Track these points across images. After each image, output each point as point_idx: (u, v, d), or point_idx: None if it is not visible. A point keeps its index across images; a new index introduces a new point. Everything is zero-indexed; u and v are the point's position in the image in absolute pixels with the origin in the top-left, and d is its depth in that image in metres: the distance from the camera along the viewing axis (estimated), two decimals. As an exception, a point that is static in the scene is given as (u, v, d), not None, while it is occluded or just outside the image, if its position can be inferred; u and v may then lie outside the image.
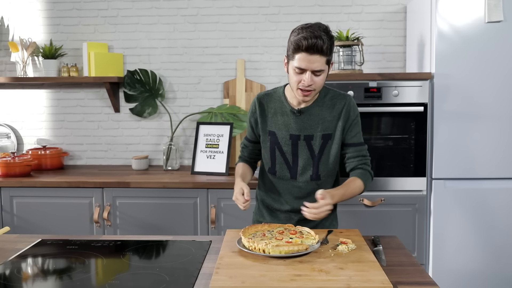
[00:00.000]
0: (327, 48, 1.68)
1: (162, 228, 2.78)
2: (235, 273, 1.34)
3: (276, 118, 1.88)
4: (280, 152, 1.88)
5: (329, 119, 1.85)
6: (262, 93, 1.96)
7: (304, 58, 1.67)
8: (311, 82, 1.71)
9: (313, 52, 1.66)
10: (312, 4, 3.22)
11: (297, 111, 1.84)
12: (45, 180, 2.82)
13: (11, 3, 3.34)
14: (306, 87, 1.72)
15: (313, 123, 1.84)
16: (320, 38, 1.66)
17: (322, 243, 1.60)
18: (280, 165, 1.90)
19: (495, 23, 2.60)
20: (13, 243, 1.69)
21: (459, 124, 2.67)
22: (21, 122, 3.41)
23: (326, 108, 1.85)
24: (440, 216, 2.71)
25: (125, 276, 1.41)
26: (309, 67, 1.69)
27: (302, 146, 1.86)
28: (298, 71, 1.71)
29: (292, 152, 1.87)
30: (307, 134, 1.85)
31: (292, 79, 1.75)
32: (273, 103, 1.90)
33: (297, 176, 1.89)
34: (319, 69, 1.70)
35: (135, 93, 3.29)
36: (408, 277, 1.38)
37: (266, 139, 1.91)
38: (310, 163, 1.87)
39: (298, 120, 1.85)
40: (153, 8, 3.29)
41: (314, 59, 1.67)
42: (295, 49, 1.69)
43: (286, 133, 1.86)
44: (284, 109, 1.87)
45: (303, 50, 1.66)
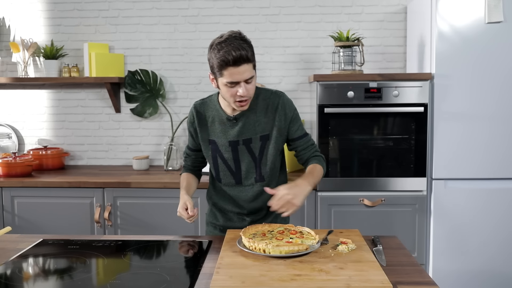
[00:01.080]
0: (251, 55, 1.70)
1: (162, 228, 2.79)
2: (236, 273, 1.35)
3: (214, 127, 1.88)
4: (222, 159, 1.89)
5: (265, 120, 1.85)
6: (199, 101, 1.95)
7: (234, 72, 1.68)
8: (246, 92, 1.72)
9: (240, 63, 1.67)
10: (313, 4, 3.23)
11: (232, 118, 1.84)
12: (46, 180, 2.83)
13: (12, 4, 3.35)
14: (243, 98, 1.74)
15: (249, 127, 1.84)
16: (242, 48, 1.67)
17: (322, 243, 1.60)
18: (224, 172, 1.90)
19: (495, 23, 2.61)
20: (14, 243, 1.70)
21: (459, 125, 2.68)
22: (22, 122, 3.42)
23: (260, 110, 1.85)
24: (440, 216, 2.71)
25: (126, 276, 1.42)
26: (240, 78, 1.69)
27: (242, 151, 1.86)
28: (231, 85, 1.71)
29: (233, 158, 1.87)
30: (245, 138, 1.85)
31: (227, 94, 1.75)
32: (209, 112, 1.89)
33: (242, 180, 1.90)
34: (250, 77, 1.72)
35: (136, 93, 3.30)
36: (408, 277, 1.39)
37: (207, 148, 1.91)
38: (252, 166, 1.87)
39: (235, 127, 1.85)
40: (153, 9, 3.30)
41: (243, 69, 1.68)
42: (221, 66, 1.68)
43: (225, 140, 1.86)
44: (221, 117, 1.87)
45: (231, 64, 1.66)
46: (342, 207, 2.75)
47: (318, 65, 3.26)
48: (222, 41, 1.68)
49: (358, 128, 2.75)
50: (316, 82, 2.71)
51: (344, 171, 2.75)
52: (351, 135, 2.75)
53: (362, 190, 2.75)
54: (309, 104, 3.23)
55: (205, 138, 1.90)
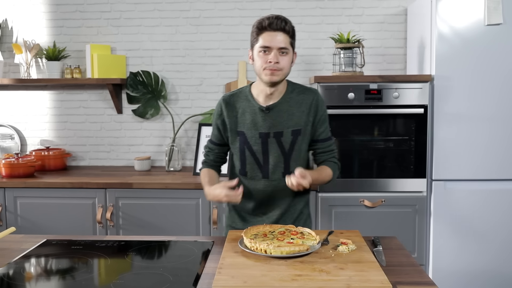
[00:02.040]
0: (289, 27, 1.75)
1: (164, 228, 2.81)
2: (237, 273, 1.37)
3: (244, 118, 1.86)
4: (250, 151, 1.86)
5: (298, 115, 1.84)
6: (228, 94, 1.93)
7: (268, 36, 1.72)
8: (278, 60, 1.72)
9: (276, 28, 1.72)
10: (313, 6, 3.24)
11: (265, 109, 1.82)
12: (48, 181, 2.85)
13: (14, 5, 3.37)
14: (273, 66, 1.73)
15: (282, 120, 1.83)
16: (282, 19, 1.75)
17: (323, 243, 1.62)
18: (251, 165, 1.88)
19: (494, 25, 2.63)
20: (18, 243, 1.72)
21: (459, 126, 2.69)
22: (24, 123, 3.44)
23: (294, 103, 1.84)
24: (440, 217, 2.73)
25: (129, 276, 1.43)
26: (274, 44, 1.72)
27: (272, 144, 1.84)
28: (263, 50, 1.73)
29: (262, 151, 1.85)
30: (277, 131, 1.83)
31: (258, 63, 1.77)
32: (240, 103, 1.88)
33: (269, 174, 1.87)
34: (284, 47, 1.72)
35: (138, 94, 3.32)
36: (408, 277, 1.40)
37: (235, 139, 1.88)
38: (281, 160, 1.86)
39: (267, 118, 1.83)
40: (155, 11, 3.31)
41: (277, 36, 1.72)
42: (258, 30, 1.74)
43: (255, 131, 1.84)
44: (252, 107, 1.85)
45: (267, 28, 1.72)
46: (343, 207, 2.77)
47: (319, 66, 3.28)
48: (268, 15, 1.77)
49: (358, 129, 2.76)
50: (317, 83, 2.73)
51: (344, 172, 2.76)
52: (351, 136, 2.77)
53: (363, 191, 2.76)
54: (309, 105, 3.24)
55: (233, 130, 1.88)
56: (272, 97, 1.84)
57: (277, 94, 1.85)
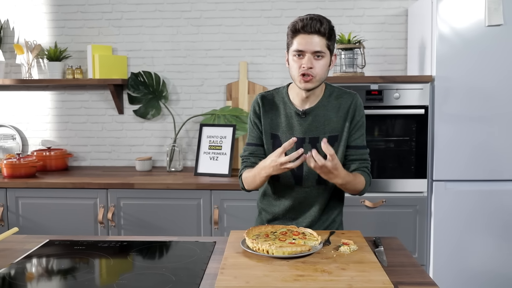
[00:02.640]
0: (325, 29, 1.64)
1: (165, 228, 2.81)
2: (240, 273, 1.37)
3: (279, 121, 1.79)
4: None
5: (335, 120, 1.77)
6: (264, 92, 1.86)
7: (302, 40, 1.63)
8: (311, 65, 1.64)
9: (310, 31, 1.62)
10: (314, 7, 3.25)
11: (302, 113, 1.76)
12: (50, 181, 2.86)
13: (16, 6, 3.37)
14: (306, 71, 1.65)
15: (318, 125, 1.76)
16: (317, 20, 1.64)
17: (325, 244, 1.62)
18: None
19: (495, 26, 2.63)
20: (21, 244, 1.72)
21: (460, 126, 2.70)
22: (26, 123, 3.45)
23: (332, 108, 1.77)
24: (441, 217, 2.73)
25: (131, 276, 1.44)
26: (307, 48, 1.63)
27: (307, 149, 1.72)
28: (298, 54, 1.65)
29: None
30: (313, 136, 1.76)
31: (292, 68, 1.69)
32: (276, 104, 1.81)
33: (303, 181, 1.80)
34: (319, 50, 1.64)
35: (139, 95, 3.33)
36: (409, 277, 1.41)
37: (269, 142, 1.81)
38: None
39: (303, 122, 1.76)
40: (156, 11, 3.32)
41: (312, 38, 1.62)
42: (292, 33, 1.66)
43: (290, 136, 1.76)
44: (288, 110, 1.79)
45: (300, 29, 1.63)
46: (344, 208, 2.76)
47: (320, 67, 3.28)
48: (306, 15, 1.67)
49: (359, 130, 2.77)
50: (318, 84, 2.73)
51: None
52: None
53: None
54: (310, 105, 3.25)
55: (268, 132, 1.80)
56: (308, 100, 1.77)
57: (314, 97, 1.78)
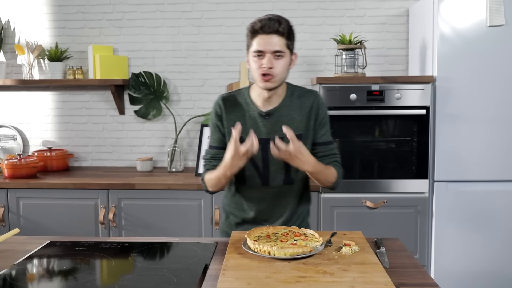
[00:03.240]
0: (284, 28, 1.66)
1: (166, 229, 2.81)
2: (241, 275, 1.37)
3: (242, 122, 1.75)
4: (249, 158, 1.74)
5: (299, 119, 1.77)
6: (225, 94, 1.84)
7: (261, 40, 1.64)
8: (271, 65, 1.64)
9: (269, 31, 1.63)
10: (315, 7, 3.25)
11: (265, 114, 1.76)
12: (51, 182, 2.86)
13: (17, 7, 3.37)
14: (266, 71, 1.65)
15: (282, 125, 1.73)
16: (276, 20, 1.65)
17: (326, 245, 1.62)
18: (250, 172, 1.79)
19: (496, 27, 2.63)
20: (22, 245, 1.72)
21: (461, 127, 2.70)
22: (27, 124, 3.45)
23: (295, 107, 1.78)
24: (442, 218, 2.73)
25: (132, 277, 1.44)
26: (267, 48, 1.63)
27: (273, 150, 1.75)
28: (258, 54, 1.65)
29: (262, 157, 1.77)
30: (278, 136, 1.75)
31: (253, 68, 1.69)
32: (238, 106, 1.79)
33: (269, 181, 1.79)
34: (278, 50, 1.64)
35: (140, 95, 3.32)
36: (411, 278, 1.41)
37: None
38: (281, 166, 1.78)
39: (267, 123, 1.76)
40: (157, 12, 3.32)
41: (271, 39, 1.63)
42: (252, 34, 1.66)
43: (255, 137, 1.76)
44: (251, 111, 1.78)
45: (259, 30, 1.64)
46: (345, 208, 2.77)
47: (321, 67, 3.29)
48: (264, 16, 1.69)
49: (360, 130, 2.77)
50: (319, 84, 2.73)
51: (346, 173, 2.74)
52: (353, 137, 2.77)
53: (364, 192, 2.76)
54: (311, 106, 3.25)
55: (231, 133, 1.75)
56: (271, 101, 1.78)
57: (276, 98, 1.79)
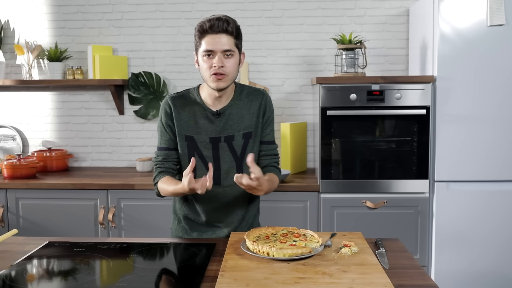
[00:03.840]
0: (232, 28, 1.67)
1: (166, 229, 2.79)
2: (240, 276, 1.36)
3: (192, 122, 1.78)
4: (200, 157, 1.78)
5: (248, 117, 1.80)
6: (174, 94, 1.83)
7: (210, 40, 1.65)
8: (222, 64, 1.66)
9: (218, 31, 1.65)
10: (315, 7, 3.24)
11: (215, 113, 1.77)
12: (50, 182, 2.85)
13: (16, 7, 3.37)
14: (218, 70, 1.66)
15: (233, 123, 1.78)
16: (224, 20, 1.67)
17: (325, 246, 1.61)
18: (201, 172, 1.78)
19: (497, 26, 2.62)
20: (21, 246, 1.72)
21: (462, 127, 2.69)
22: (26, 124, 3.44)
23: (244, 106, 1.80)
24: (443, 218, 2.72)
25: (131, 278, 1.43)
26: (217, 48, 1.65)
27: (224, 148, 1.78)
28: (208, 54, 1.66)
29: (213, 156, 1.78)
30: (228, 135, 1.77)
31: (203, 68, 1.69)
32: (188, 106, 1.79)
33: (221, 181, 1.80)
34: (228, 49, 1.66)
35: (140, 95, 3.32)
36: (411, 280, 1.40)
37: (183, 144, 1.79)
38: (233, 165, 1.79)
39: (218, 122, 1.77)
40: (157, 11, 3.31)
41: (220, 38, 1.65)
42: (200, 33, 1.67)
43: (206, 136, 1.77)
44: (202, 111, 1.78)
45: (208, 29, 1.65)
46: (345, 209, 2.76)
47: (321, 67, 3.28)
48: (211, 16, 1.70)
49: (360, 130, 2.76)
50: (319, 84, 2.73)
51: (346, 173, 2.76)
52: (353, 137, 2.76)
53: (365, 192, 2.76)
54: (311, 106, 3.25)
55: (181, 134, 1.79)
56: (221, 100, 1.79)
57: (226, 97, 1.80)
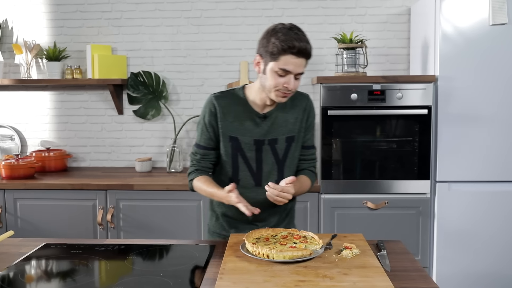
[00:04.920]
0: (310, 53, 1.68)
1: (165, 230, 2.78)
2: (239, 279, 1.34)
3: (238, 123, 1.77)
4: (243, 158, 1.78)
5: (292, 121, 1.81)
6: (218, 93, 1.82)
7: (292, 61, 1.63)
8: (294, 86, 1.67)
9: (302, 55, 1.64)
10: (316, 6, 3.22)
11: (262, 116, 1.78)
12: (49, 182, 2.83)
13: (15, 5, 3.35)
14: (287, 91, 1.68)
15: (277, 127, 1.79)
16: (307, 43, 1.65)
17: (326, 248, 1.59)
18: (244, 173, 1.80)
19: (499, 25, 2.60)
20: (17, 247, 1.69)
21: (463, 127, 2.66)
22: (25, 124, 3.42)
23: (288, 110, 1.81)
24: (444, 219, 2.70)
25: (128, 280, 1.41)
26: (295, 70, 1.65)
27: (267, 151, 1.78)
28: (282, 73, 1.65)
29: (256, 158, 1.79)
30: (272, 138, 1.78)
31: (270, 82, 1.67)
32: (233, 106, 1.79)
33: (262, 182, 1.79)
34: (302, 72, 1.68)
35: (139, 95, 3.30)
36: (413, 282, 1.38)
37: (227, 145, 1.79)
38: (275, 168, 1.80)
39: (263, 125, 1.78)
40: (156, 10, 3.29)
41: (300, 62, 1.65)
42: (283, 50, 1.63)
43: (250, 138, 1.77)
44: (247, 113, 1.78)
45: (294, 53, 1.62)
46: (345, 209, 2.74)
47: (321, 67, 3.25)
48: (288, 28, 1.66)
49: (361, 130, 2.74)
50: (320, 84, 2.70)
51: (347, 174, 2.74)
52: (354, 137, 2.74)
53: (366, 192, 2.74)
54: (312, 106, 3.22)
55: (226, 134, 1.78)
56: (268, 103, 1.80)
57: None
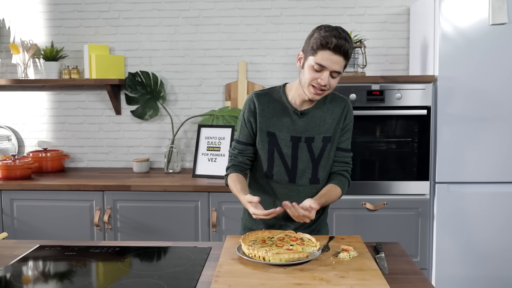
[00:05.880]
0: (350, 53, 1.69)
1: (163, 231, 2.76)
2: (235, 282, 1.32)
3: (276, 119, 1.81)
4: (279, 154, 1.81)
5: (329, 122, 1.82)
6: (259, 91, 1.87)
7: (328, 57, 1.65)
8: (328, 83, 1.69)
9: (339, 52, 1.65)
10: (315, 6, 3.20)
11: (300, 113, 1.81)
12: (45, 183, 2.81)
13: (12, 5, 3.33)
14: (321, 86, 1.70)
15: (314, 125, 1.81)
16: (347, 42, 1.66)
17: (323, 250, 1.57)
18: (278, 168, 1.82)
19: (499, 25, 2.58)
20: (11, 249, 1.68)
21: (463, 127, 2.65)
22: (22, 124, 3.40)
23: (327, 110, 1.83)
24: (444, 220, 2.68)
25: (123, 283, 1.39)
26: (330, 66, 1.66)
27: (303, 148, 1.80)
28: (318, 68, 1.67)
29: (292, 155, 1.81)
30: (308, 136, 1.80)
31: (306, 76, 1.71)
32: (272, 103, 1.83)
33: (296, 179, 1.82)
34: (338, 71, 1.68)
35: (137, 95, 3.28)
36: (411, 285, 1.36)
37: (264, 140, 1.82)
38: (309, 166, 1.81)
39: (300, 122, 1.80)
40: (154, 10, 3.27)
41: (337, 59, 1.65)
42: (321, 45, 1.65)
43: (287, 134, 1.80)
44: (286, 109, 1.82)
45: (331, 48, 1.64)
46: (344, 210, 2.72)
47: (320, 67, 3.23)
48: (334, 28, 1.68)
49: (360, 130, 2.72)
50: (318, 84, 2.68)
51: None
52: (353, 138, 2.68)
53: (364, 193, 2.72)
54: (311, 106, 3.20)
55: (263, 129, 1.82)
56: (307, 101, 1.82)
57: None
